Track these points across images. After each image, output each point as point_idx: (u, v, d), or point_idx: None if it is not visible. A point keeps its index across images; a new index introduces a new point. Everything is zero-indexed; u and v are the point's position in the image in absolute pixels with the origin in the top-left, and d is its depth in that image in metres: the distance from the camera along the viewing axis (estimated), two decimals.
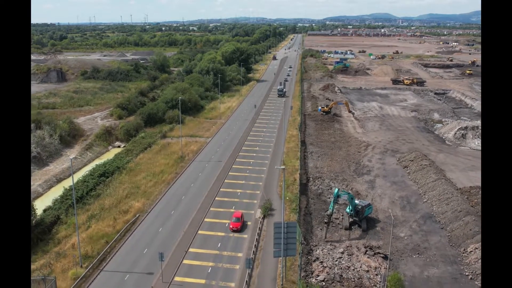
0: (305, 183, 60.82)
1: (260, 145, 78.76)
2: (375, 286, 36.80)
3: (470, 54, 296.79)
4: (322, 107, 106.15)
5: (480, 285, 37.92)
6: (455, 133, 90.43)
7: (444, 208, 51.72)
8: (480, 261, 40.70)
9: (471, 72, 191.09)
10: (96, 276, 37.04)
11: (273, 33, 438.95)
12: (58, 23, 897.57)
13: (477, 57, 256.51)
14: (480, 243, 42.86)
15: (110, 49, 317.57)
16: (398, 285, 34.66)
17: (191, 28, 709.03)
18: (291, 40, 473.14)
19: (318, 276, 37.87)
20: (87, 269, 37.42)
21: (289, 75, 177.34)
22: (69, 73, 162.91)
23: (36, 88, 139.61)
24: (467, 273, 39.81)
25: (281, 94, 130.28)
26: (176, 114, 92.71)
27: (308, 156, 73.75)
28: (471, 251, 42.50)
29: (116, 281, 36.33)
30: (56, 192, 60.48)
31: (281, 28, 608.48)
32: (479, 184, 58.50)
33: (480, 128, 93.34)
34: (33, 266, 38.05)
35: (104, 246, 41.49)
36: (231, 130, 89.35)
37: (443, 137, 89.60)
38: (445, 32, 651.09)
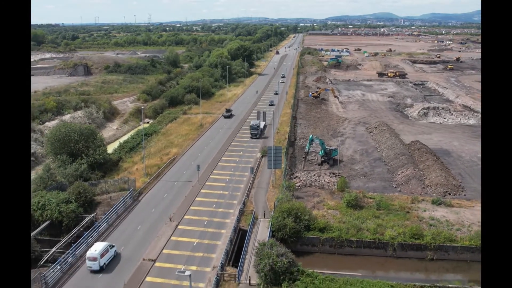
0: (293, 141, 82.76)
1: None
2: (331, 188, 58.46)
3: (459, 51, 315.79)
4: (312, 93, 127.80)
5: (400, 190, 59.40)
6: (419, 112, 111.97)
7: (389, 153, 73.33)
8: (403, 178, 62.32)
9: (452, 67, 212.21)
10: (157, 183, 58.99)
11: (274, 33, 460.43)
12: (63, 23, 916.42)
13: (464, 54, 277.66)
14: (406, 169, 64.45)
15: (120, 48, 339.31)
16: (343, 183, 56.33)
17: (194, 28, 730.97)
18: (292, 39, 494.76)
19: (296, 184, 59.57)
20: (150, 178, 59.38)
21: (277, 93, 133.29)
22: (93, 68, 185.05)
23: (67, 80, 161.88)
24: (393, 185, 61.38)
25: (256, 133, 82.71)
26: (193, 97, 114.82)
27: (298, 126, 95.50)
28: (399, 174, 64.12)
29: (169, 185, 58.25)
30: (108, 150, 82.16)
31: (283, 28, 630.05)
32: (419, 139, 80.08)
33: (440, 108, 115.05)
34: (114, 178, 59.91)
35: (157, 170, 63.39)
36: (238, 109, 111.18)
37: (409, 115, 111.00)
38: (443, 31, 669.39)
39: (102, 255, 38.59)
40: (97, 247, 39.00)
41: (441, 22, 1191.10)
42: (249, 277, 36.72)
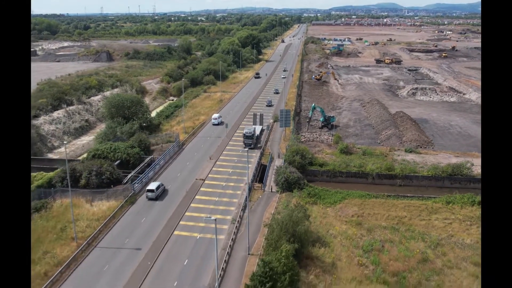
0: (299, 112, 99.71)
1: (271, 95, 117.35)
2: (329, 142, 75.48)
3: (457, 41, 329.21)
4: (315, 76, 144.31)
5: (382, 145, 76.24)
6: (408, 92, 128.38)
7: (377, 120, 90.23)
8: (385, 136, 79.22)
9: (446, 55, 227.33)
10: (193, 138, 76.34)
11: (278, 23, 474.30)
12: (67, 13, 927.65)
13: (460, 44, 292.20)
14: (388, 130, 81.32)
15: (131, 37, 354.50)
16: (338, 138, 73.41)
17: (198, 18, 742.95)
18: (297, 29, 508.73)
19: (302, 139, 76.66)
20: (188, 135, 76.72)
21: (277, 92, 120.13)
22: (114, 54, 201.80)
23: (92, 65, 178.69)
24: (377, 141, 78.32)
25: (250, 143, 69.20)
26: (211, 79, 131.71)
27: (302, 102, 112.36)
28: (383, 134, 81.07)
29: (204, 139, 75.63)
30: None
31: (287, 18, 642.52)
32: (403, 111, 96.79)
33: (428, 88, 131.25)
34: (159, 134, 77.15)
35: (192, 129, 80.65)
36: (250, 88, 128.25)
37: (399, 95, 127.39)
38: (445, 22, 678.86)
39: (219, 117, 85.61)
40: (215, 115, 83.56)
41: (446, 12, 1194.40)
42: (271, 187, 54.10)
